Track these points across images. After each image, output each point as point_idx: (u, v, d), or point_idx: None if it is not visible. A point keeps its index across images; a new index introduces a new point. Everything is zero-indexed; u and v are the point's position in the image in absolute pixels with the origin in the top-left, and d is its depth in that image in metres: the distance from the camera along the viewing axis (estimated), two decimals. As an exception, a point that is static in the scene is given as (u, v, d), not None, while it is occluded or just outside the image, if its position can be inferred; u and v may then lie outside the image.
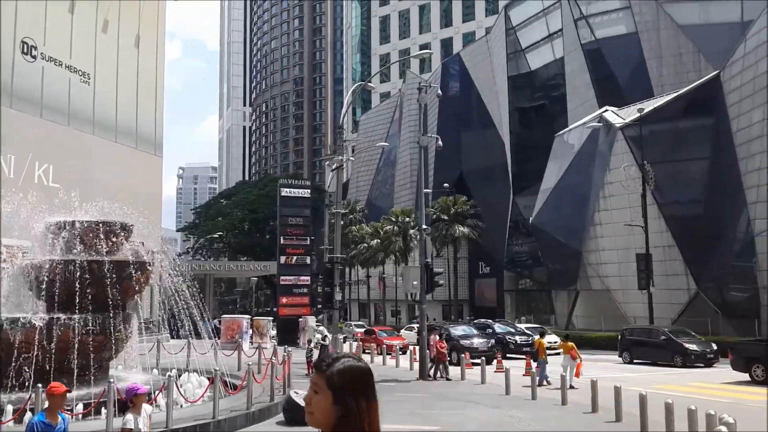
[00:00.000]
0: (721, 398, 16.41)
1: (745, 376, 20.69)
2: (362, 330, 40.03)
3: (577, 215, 41.72)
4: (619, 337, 29.58)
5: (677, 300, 35.58)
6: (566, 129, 46.62)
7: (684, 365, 25.43)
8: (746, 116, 32.53)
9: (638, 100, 39.53)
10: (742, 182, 32.18)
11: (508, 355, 28.87)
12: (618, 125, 38.05)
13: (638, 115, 34.46)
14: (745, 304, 32.78)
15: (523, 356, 28.27)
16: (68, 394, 12.25)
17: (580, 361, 20.01)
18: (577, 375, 19.39)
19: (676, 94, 37.75)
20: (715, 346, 26.30)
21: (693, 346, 26.15)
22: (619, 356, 28.59)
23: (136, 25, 31.62)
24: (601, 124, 38.88)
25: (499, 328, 32.77)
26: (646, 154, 34.37)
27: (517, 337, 31.19)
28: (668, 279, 35.33)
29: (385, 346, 29.86)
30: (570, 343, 19.95)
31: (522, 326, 33.64)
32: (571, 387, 17.45)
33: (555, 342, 30.29)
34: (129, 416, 6.87)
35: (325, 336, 23.95)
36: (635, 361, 27.51)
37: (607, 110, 41.00)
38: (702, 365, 25.46)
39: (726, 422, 8.96)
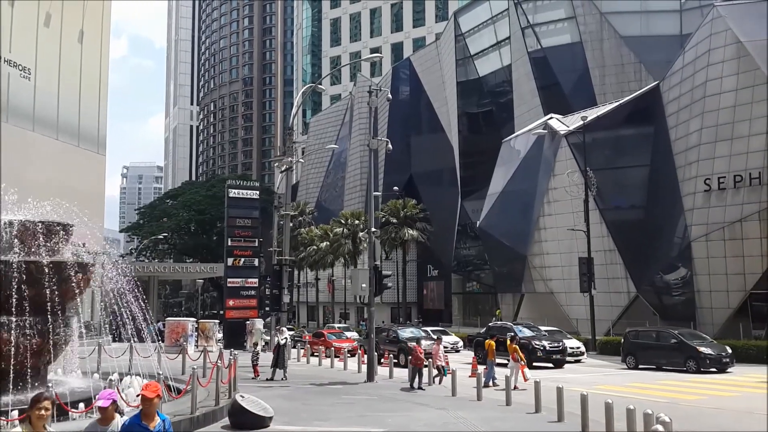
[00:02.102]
0: (659, 398, 17.00)
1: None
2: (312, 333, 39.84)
3: (523, 219, 42.53)
4: (622, 339, 27.87)
5: (617, 303, 36.62)
6: (513, 135, 47.51)
7: (698, 370, 23.50)
8: (684, 126, 33.74)
9: (582, 107, 40.62)
10: (680, 189, 33.34)
11: (535, 364, 24.86)
12: (562, 132, 38.98)
13: (582, 122, 35.35)
14: (681, 307, 33.91)
15: (552, 365, 25.83)
16: (3, 399, 11.87)
17: (523, 363, 20.31)
18: (525, 379, 19.50)
19: (617, 103, 38.92)
20: (729, 350, 24.40)
21: (707, 350, 24.01)
22: (623, 361, 26.54)
23: (79, 20, 30.78)
24: (546, 131, 39.74)
25: (521, 332, 27.19)
26: (589, 161, 35.30)
27: (545, 343, 26.87)
28: (609, 282, 36.32)
29: (333, 348, 29.75)
30: (514, 345, 20.26)
31: (542, 329, 30.29)
32: (515, 388, 17.75)
33: (578, 347, 28.91)
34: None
35: (285, 338, 23.60)
36: (641, 366, 25.53)
37: (552, 117, 41.98)
38: (715, 370, 23.57)
39: (663, 421, 9.35)
